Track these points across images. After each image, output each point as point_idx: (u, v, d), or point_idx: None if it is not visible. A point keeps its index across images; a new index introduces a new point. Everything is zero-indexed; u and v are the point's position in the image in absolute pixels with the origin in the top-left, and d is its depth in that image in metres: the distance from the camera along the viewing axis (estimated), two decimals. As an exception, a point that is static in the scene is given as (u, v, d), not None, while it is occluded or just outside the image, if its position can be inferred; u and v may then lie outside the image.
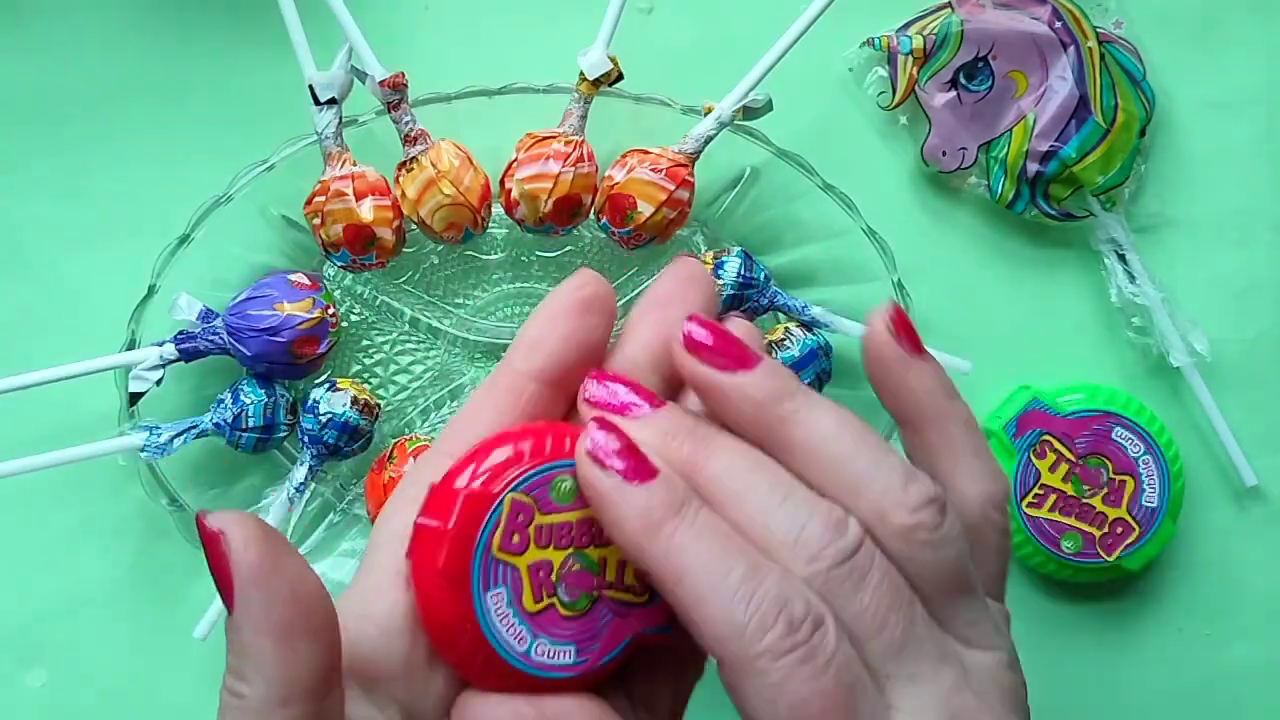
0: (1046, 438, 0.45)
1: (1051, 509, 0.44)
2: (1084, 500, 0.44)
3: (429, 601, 0.25)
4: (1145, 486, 0.45)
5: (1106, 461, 0.45)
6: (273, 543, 0.23)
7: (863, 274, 0.45)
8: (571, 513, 0.26)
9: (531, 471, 0.25)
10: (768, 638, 0.24)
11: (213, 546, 0.24)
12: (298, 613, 0.23)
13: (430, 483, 0.26)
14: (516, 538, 0.25)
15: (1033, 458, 0.44)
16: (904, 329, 0.28)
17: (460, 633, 0.25)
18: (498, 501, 0.25)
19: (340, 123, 0.42)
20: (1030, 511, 0.44)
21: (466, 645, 0.25)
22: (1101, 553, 0.44)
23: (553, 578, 0.25)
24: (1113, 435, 0.44)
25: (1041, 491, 0.44)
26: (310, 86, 0.41)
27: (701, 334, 0.26)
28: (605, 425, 0.25)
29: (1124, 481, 0.45)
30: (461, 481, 0.25)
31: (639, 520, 0.25)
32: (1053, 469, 0.44)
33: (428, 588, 0.25)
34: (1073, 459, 0.45)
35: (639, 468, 0.25)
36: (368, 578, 0.26)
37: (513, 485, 0.25)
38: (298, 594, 0.23)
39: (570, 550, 0.26)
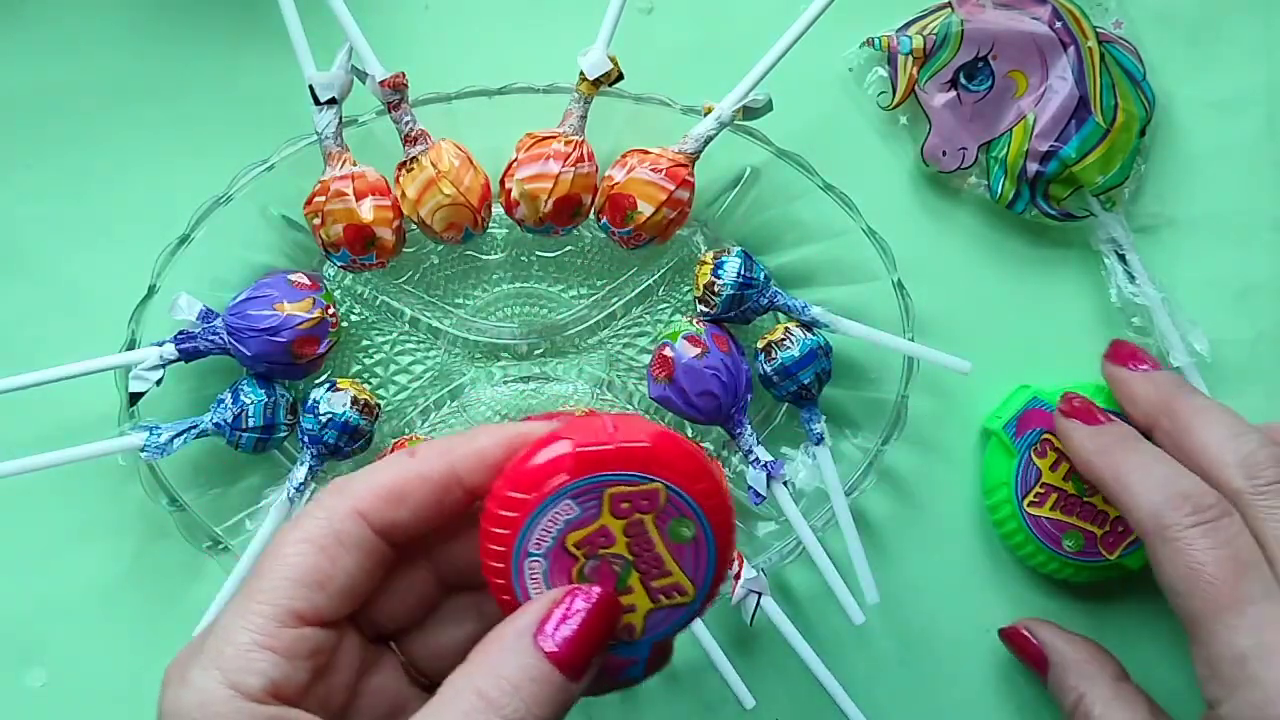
0: (1047, 436, 0.44)
1: (1053, 508, 0.44)
2: (1085, 499, 0.44)
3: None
4: None
5: None
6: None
7: (863, 274, 0.45)
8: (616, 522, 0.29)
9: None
10: (1175, 514, 0.35)
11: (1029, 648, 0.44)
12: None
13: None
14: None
15: (1034, 457, 0.44)
16: (1124, 350, 0.44)
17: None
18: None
19: (340, 123, 0.42)
20: (1031, 510, 0.44)
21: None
22: (1103, 551, 0.44)
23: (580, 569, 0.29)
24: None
25: (1043, 490, 0.44)
26: (310, 86, 0.41)
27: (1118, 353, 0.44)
28: (1070, 409, 0.42)
29: None
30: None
31: (1092, 444, 0.40)
32: (1053, 468, 0.44)
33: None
34: None
35: (1094, 416, 0.41)
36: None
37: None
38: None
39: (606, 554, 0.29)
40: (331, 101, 0.41)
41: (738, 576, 0.43)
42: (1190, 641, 0.36)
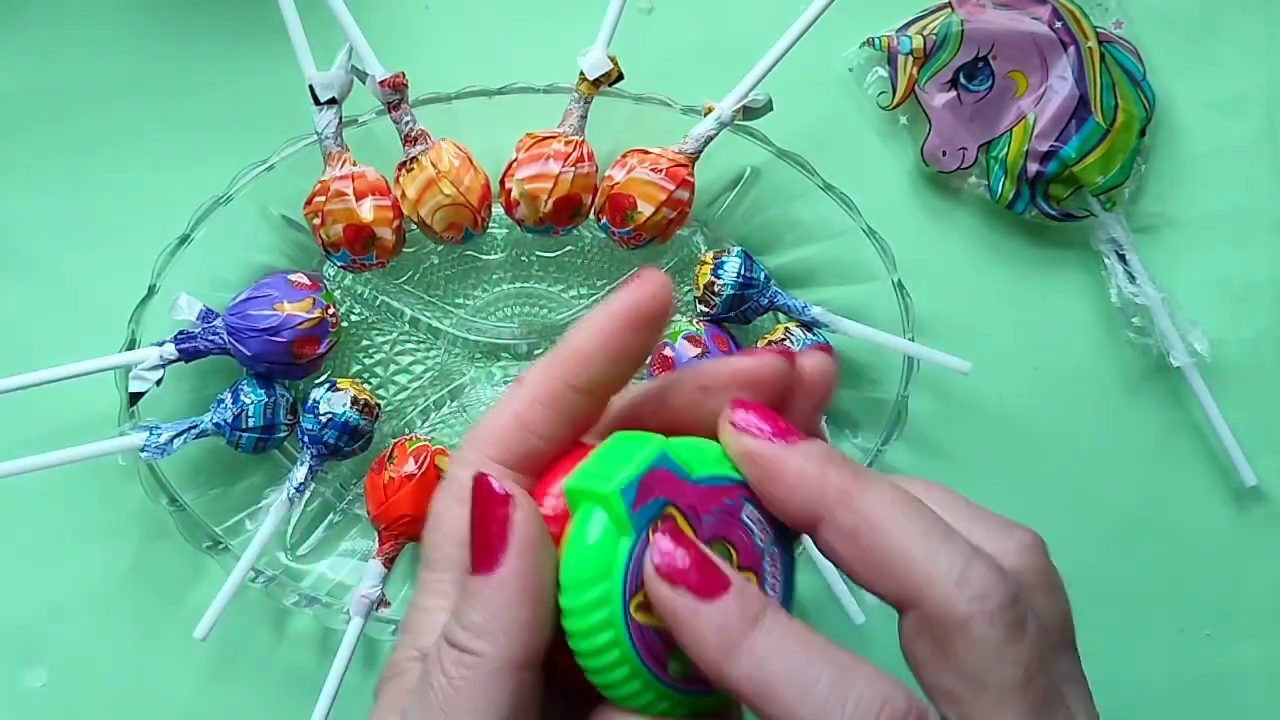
0: (672, 511, 0.26)
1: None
2: None
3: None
4: (768, 589, 0.28)
5: (732, 550, 0.27)
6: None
7: (863, 274, 0.45)
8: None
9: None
10: (988, 604, 0.24)
11: (496, 506, 0.25)
12: (552, 586, 0.24)
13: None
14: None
15: (653, 537, 0.26)
16: (762, 414, 0.26)
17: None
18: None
19: (340, 123, 0.42)
20: (639, 617, 0.25)
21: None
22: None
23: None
24: (742, 515, 0.27)
25: None
26: (310, 86, 0.41)
27: (747, 419, 0.26)
28: (671, 533, 0.24)
29: (748, 579, 0.27)
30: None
31: (716, 639, 0.24)
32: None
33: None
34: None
35: (710, 581, 0.24)
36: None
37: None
38: (554, 570, 0.24)
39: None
40: (331, 101, 0.41)
41: None
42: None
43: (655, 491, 0.26)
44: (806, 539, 0.26)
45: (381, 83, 0.41)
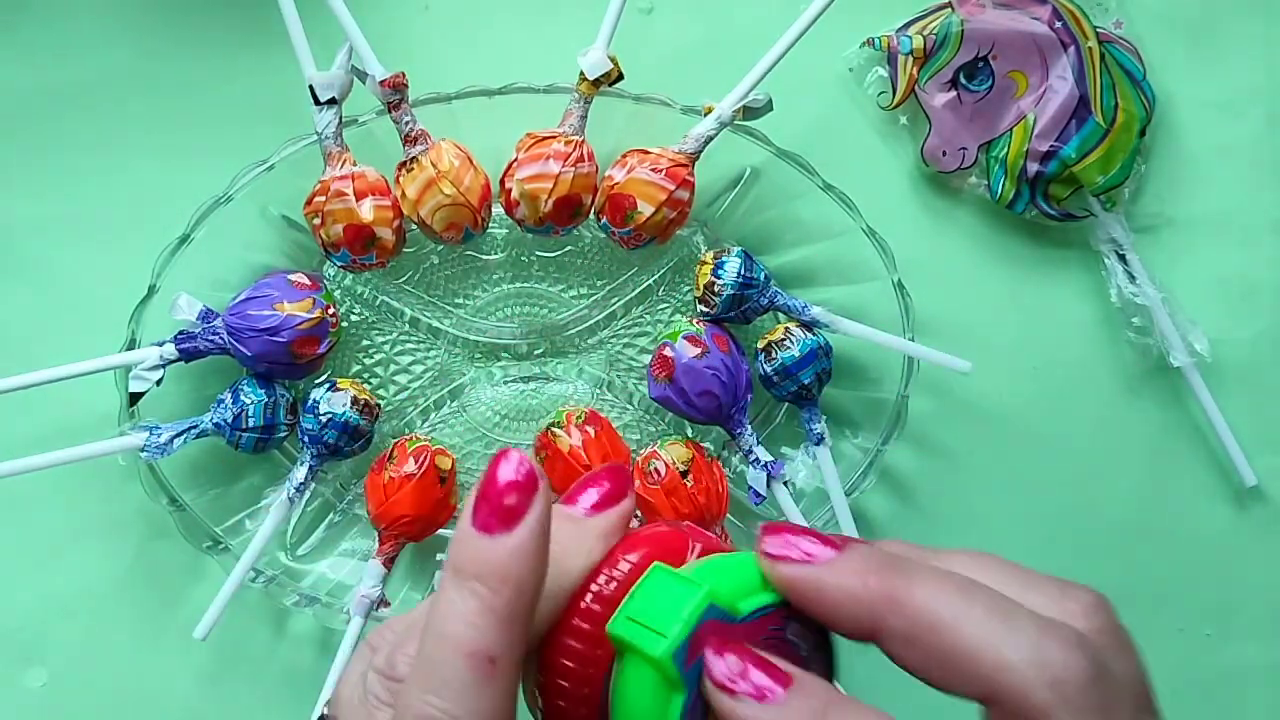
0: None
1: None
2: None
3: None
4: None
5: None
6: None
7: (863, 274, 0.45)
8: None
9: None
10: (1072, 687, 0.22)
11: (527, 479, 0.24)
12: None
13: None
14: None
15: (702, 693, 0.25)
16: (792, 532, 0.26)
17: None
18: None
19: (340, 123, 0.42)
20: None
21: None
22: None
23: None
24: (787, 634, 0.27)
25: None
26: (310, 86, 0.41)
27: (779, 544, 0.25)
28: (723, 647, 0.24)
29: None
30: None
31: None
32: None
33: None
34: None
35: (771, 684, 0.23)
36: None
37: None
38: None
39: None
40: (331, 101, 0.41)
41: None
42: None
43: (705, 645, 0.25)
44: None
45: (381, 83, 0.41)
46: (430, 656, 0.23)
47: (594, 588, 0.25)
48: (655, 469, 0.43)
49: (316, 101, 0.41)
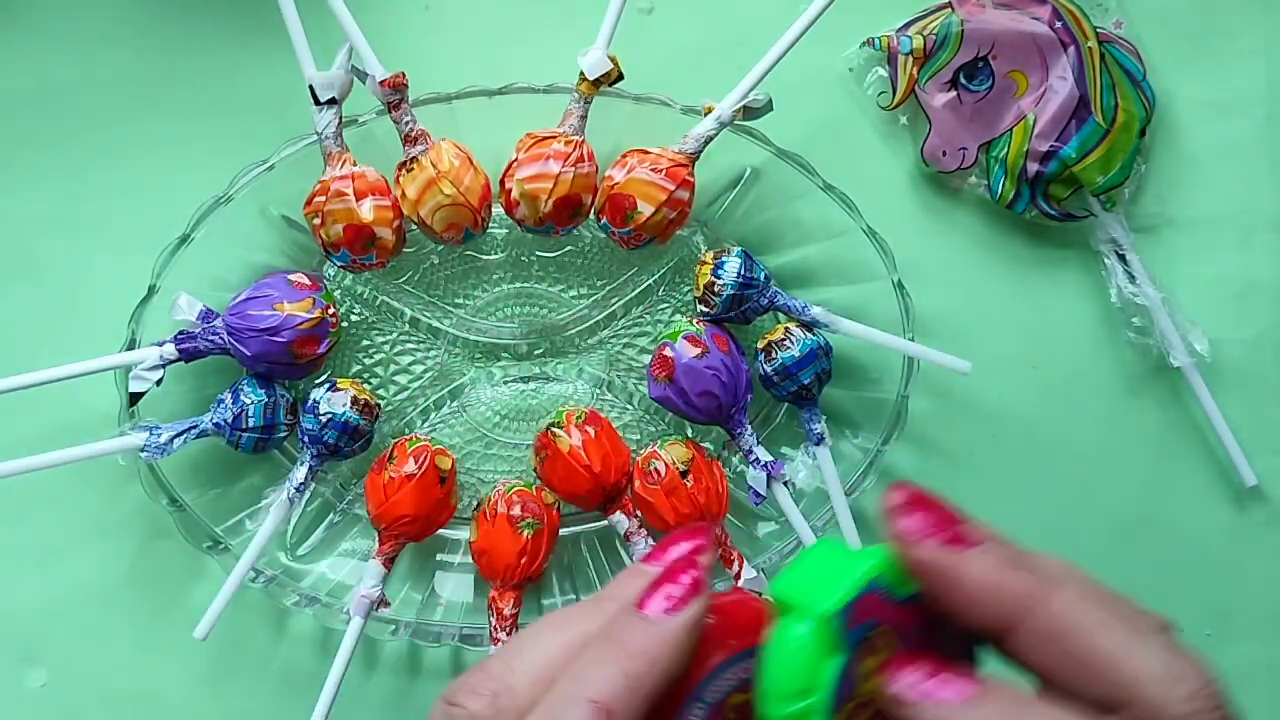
0: (882, 631, 0.27)
1: None
2: None
3: None
4: None
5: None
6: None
7: (863, 274, 0.45)
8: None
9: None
10: (1197, 704, 0.24)
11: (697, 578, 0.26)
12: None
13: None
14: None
15: (859, 658, 0.26)
16: (926, 512, 0.26)
17: None
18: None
19: (340, 123, 0.42)
20: None
21: None
22: None
23: None
24: (937, 632, 0.28)
25: (856, 705, 0.27)
26: (310, 86, 0.41)
27: (914, 525, 0.26)
28: (904, 661, 0.25)
29: None
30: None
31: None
32: (879, 671, 0.27)
33: None
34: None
35: (961, 689, 0.25)
36: None
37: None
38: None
39: None
40: (331, 101, 0.41)
41: (737, 577, 0.43)
42: None
43: (866, 615, 0.26)
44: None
45: (381, 83, 0.41)
46: (560, 694, 0.25)
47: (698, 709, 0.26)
48: (655, 469, 0.43)
49: (316, 101, 0.41)
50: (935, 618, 0.27)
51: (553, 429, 0.44)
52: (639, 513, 0.44)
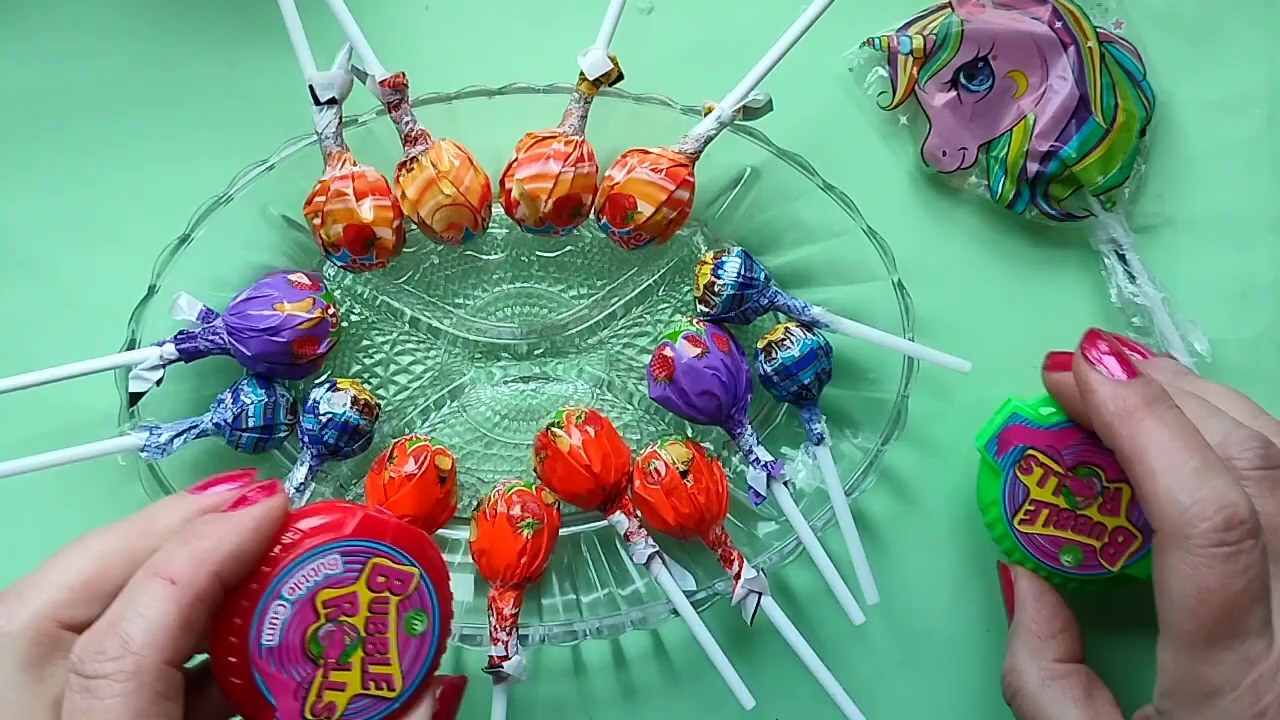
0: (1031, 452, 0.42)
1: (1045, 524, 0.42)
2: (1079, 512, 0.42)
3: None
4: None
5: (1098, 470, 0.42)
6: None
7: (863, 274, 0.45)
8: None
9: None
10: (1202, 525, 0.30)
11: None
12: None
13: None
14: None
15: (1019, 474, 0.42)
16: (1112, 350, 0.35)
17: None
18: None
19: (340, 123, 0.42)
20: (1024, 529, 0.42)
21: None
22: (1104, 563, 0.42)
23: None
24: (1102, 443, 0.38)
25: (1033, 508, 0.42)
26: (310, 86, 0.41)
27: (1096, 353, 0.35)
28: (1096, 335, 0.35)
29: (1119, 489, 0.42)
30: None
31: (1114, 405, 0.33)
32: (1041, 483, 0.42)
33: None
34: (1061, 471, 0.42)
35: (1123, 367, 0.34)
36: None
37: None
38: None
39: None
40: (332, 101, 0.41)
41: (737, 577, 0.43)
42: (1161, 640, 0.33)
43: (1013, 441, 0.42)
44: None
45: (382, 83, 0.41)
46: (137, 578, 0.29)
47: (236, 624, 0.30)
48: (655, 469, 0.43)
49: (316, 101, 0.41)
50: (1091, 436, 0.38)
51: (553, 429, 0.44)
52: (639, 512, 0.44)
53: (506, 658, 0.42)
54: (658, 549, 0.43)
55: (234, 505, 0.30)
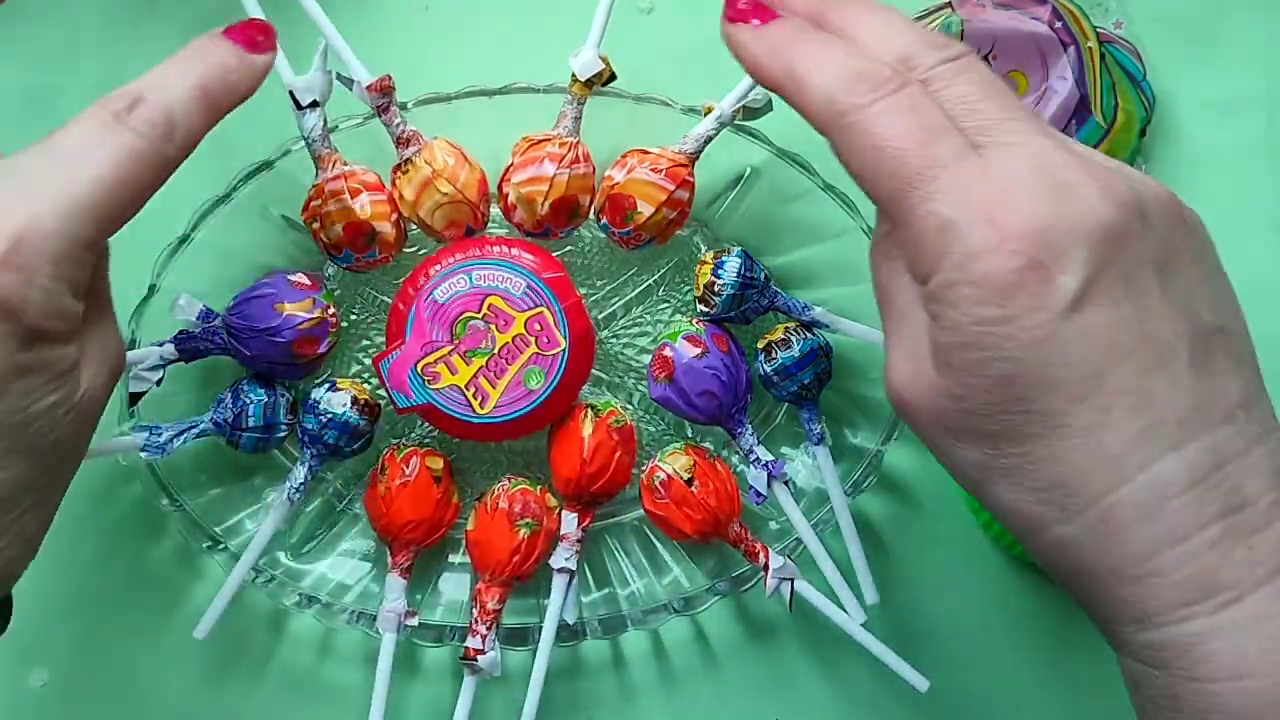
0: None
1: None
2: None
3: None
4: None
5: None
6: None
7: (863, 274, 0.44)
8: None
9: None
10: (851, 95, 0.30)
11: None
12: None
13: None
14: None
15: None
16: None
17: None
18: None
19: (326, 124, 0.42)
20: None
21: None
22: None
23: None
24: None
25: None
26: (290, 92, 0.41)
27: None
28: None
29: None
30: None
31: (760, 46, 0.32)
32: None
33: None
34: None
35: (764, 12, 0.33)
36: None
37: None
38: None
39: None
40: (314, 104, 0.41)
41: (766, 568, 0.43)
42: (895, 238, 0.32)
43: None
44: None
45: (368, 87, 0.41)
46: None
47: None
48: (659, 483, 0.43)
49: (298, 106, 0.41)
50: None
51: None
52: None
53: (482, 651, 0.42)
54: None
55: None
